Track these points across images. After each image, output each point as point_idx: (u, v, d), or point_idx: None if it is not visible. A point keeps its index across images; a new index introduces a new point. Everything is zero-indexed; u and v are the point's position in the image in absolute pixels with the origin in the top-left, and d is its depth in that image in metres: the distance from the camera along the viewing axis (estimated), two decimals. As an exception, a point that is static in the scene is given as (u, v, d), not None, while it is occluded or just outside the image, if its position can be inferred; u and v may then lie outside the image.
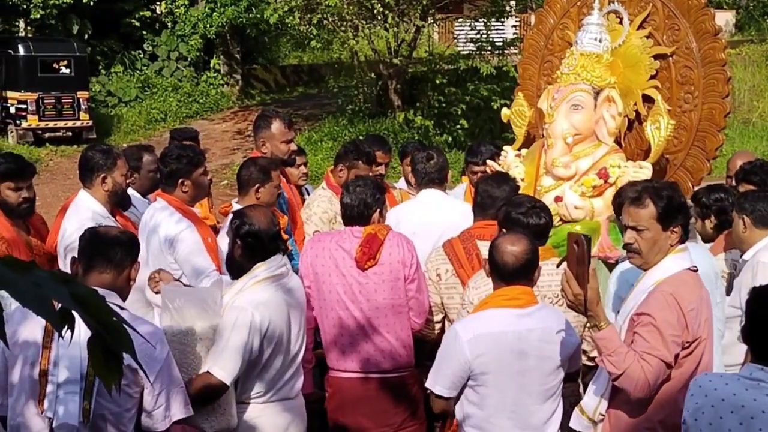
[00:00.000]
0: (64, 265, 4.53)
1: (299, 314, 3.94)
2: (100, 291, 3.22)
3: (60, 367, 3.17)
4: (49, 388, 3.16)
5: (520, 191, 4.90)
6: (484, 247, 4.43)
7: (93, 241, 3.35)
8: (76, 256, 3.40)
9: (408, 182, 6.55)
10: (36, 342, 3.21)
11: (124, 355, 1.29)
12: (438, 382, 3.72)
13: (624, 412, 3.50)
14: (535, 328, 3.62)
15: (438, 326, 4.58)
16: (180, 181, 4.72)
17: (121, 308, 3.24)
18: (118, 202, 4.92)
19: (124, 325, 1.25)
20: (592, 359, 4.07)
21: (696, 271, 3.55)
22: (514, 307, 3.63)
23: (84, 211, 4.63)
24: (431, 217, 5.09)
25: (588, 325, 3.48)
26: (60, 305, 1.21)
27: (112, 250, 3.30)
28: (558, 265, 3.67)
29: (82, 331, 1.35)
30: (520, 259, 3.62)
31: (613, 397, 3.55)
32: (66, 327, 1.23)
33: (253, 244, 3.81)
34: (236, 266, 3.86)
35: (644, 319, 3.36)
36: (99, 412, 3.17)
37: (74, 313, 1.25)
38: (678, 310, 3.35)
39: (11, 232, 4.64)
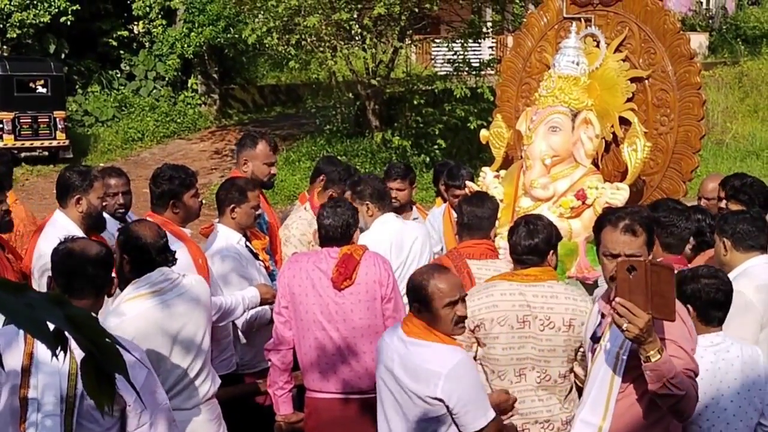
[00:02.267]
0: (38, 286, 4.52)
1: (179, 328, 3.95)
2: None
3: (40, 391, 3.16)
4: (30, 412, 3.15)
5: (499, 210, 4.99)
6: (474, 266, 4.49)
7: (69, 263, 3.35)
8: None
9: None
10: (16, 368, 3.19)
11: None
12: None
13: None
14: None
15: None
16: (171, 202, 4.74)
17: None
18: (93, 224, 4.90)
19: (117, 347, 1.27)
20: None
21: None
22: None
23: (60, 231, 4.55)
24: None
25: (645, 354, 3.24)
26: (54, 327, 1.23)
27: (92, 272, 3.33)
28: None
29: (61, 353, 1.37)
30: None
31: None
32: (60, 348, 1.24)
33: (139, 258, 3.87)
34: (124, 280, 3.90)
35: (668, 343, 3.31)
36: None
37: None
38: (684, 326, 3.40)
39: None
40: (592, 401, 3.54)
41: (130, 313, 3.78)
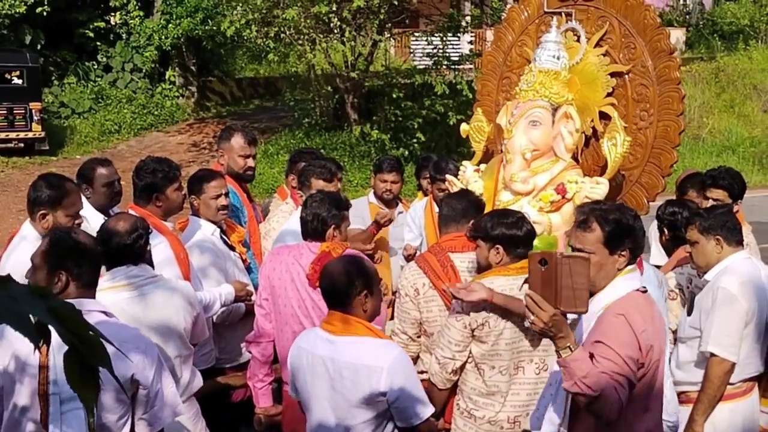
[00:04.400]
0: None
1: (158, 321, 3.99)
2: (86, 301, 3.24)
3: (60, 385, 3.14)
4: (52, 407, 3.14)
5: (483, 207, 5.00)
6: (457, 259, 4.50)
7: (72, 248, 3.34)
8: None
9: (378, 196, 6.61)
10: (29, 363, 3.18)
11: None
12: None
13: None
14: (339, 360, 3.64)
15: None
16: (154, 195, 4.71)
17: (108, 314, 3.28)
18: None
19: (101, 339, 1.25)
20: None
21: (645, 291, 3.47)
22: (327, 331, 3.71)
23: (29, 247, 4.17)
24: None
25: (556, 349, 3.25)
26: (36, 319, 1.21)
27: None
28: (520, 288, 3.68)
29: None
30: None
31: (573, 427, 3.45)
32: (42, 341, 1.22)
33: (109, 251, 3.88)
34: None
35: (599, 345, 3.25)
36: (98, 422, 3.17)
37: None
38: (630, 331, 3.26)
39: None
40: (558, 400, 3.55)
41: (104, 303, 3.75)
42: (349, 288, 3.66)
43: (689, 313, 4.66)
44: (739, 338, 4.38)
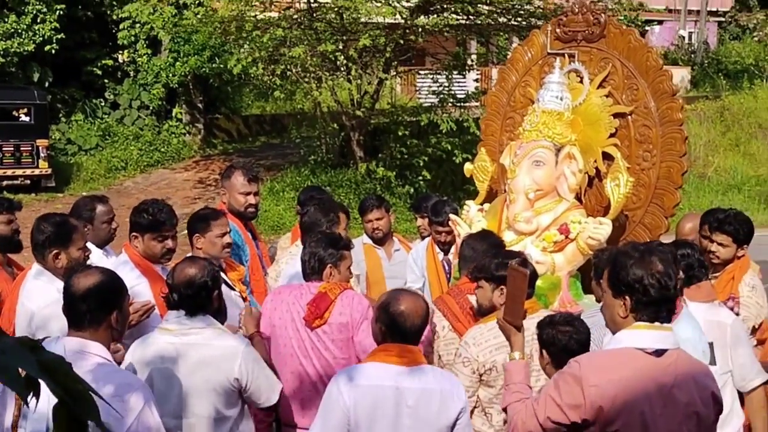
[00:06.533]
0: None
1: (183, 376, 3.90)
2: (80, 344, 3.21)
3: (28, 421, 3.11)
4: None
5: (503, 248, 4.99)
6: (474, 301, 4.48)
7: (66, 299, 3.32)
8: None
9: (370, 237, 6.58)
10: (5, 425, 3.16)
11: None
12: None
13: None
14: (413, 388, 3.57)
15: None
16: (140, 236, 4.70)
17: (106, 359, 3.23)
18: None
19: (90, 393, 1.24)
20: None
21: (659, 355, 3.08)
22: (395, 364, 3.61)
23: (43, 287, 4.28)
24: None
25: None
26: (26, 372, 1.20)
27: (83, 307, 3.28)
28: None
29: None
30: (417, 321, 3.65)
31: None
32: (32, 395, 1.21)
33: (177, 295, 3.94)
34: None
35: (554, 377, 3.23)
36: None
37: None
38: (574, 379, 3.06)
39: None
40: None
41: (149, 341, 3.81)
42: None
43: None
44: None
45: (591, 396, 3.01)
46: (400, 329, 3.62)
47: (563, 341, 3.77)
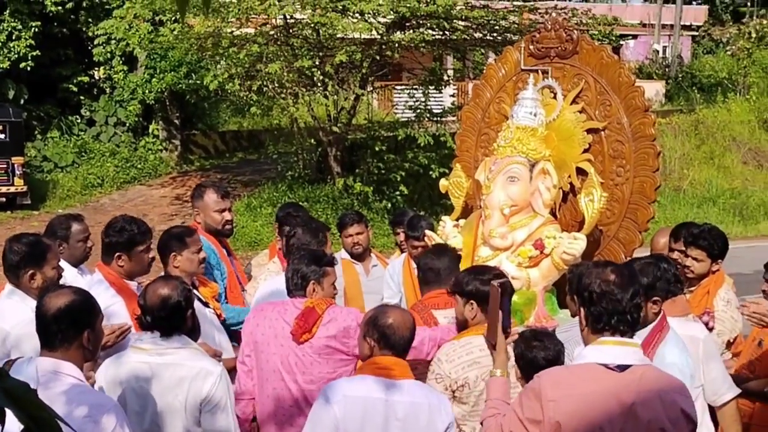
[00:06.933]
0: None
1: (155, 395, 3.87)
2: (53, 365, 3.18)
3: None
4: None
5: (459, 262, 5.01)
6: (440, 315, 4.51)
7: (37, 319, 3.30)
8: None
9: (349, 252, 6.58)
10: None
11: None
12: None
13: None
14: (403, 401, 3.63)
15: None
16: (117, 255, 4.67)
17: (79, 380, 3.20)
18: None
19: (56, 420, 1.23)
20: None
21: (623, 370, 3.01)
22: (384, 377, 3.66)
23: (17, 307, 4.24)
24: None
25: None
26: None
27: (54, 327, 3.26)
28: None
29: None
30: (405, 333, 3.75)
31: None
32: (-3, 423, 1.20)
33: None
34: None
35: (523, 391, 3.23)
36: None
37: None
38: (534, 394, 3.05)
39: None
40: None
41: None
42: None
43: None
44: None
45: (549, 411, 2.97)
46: (389, 342, 3.70)
47: (529, 356, 3.85)
